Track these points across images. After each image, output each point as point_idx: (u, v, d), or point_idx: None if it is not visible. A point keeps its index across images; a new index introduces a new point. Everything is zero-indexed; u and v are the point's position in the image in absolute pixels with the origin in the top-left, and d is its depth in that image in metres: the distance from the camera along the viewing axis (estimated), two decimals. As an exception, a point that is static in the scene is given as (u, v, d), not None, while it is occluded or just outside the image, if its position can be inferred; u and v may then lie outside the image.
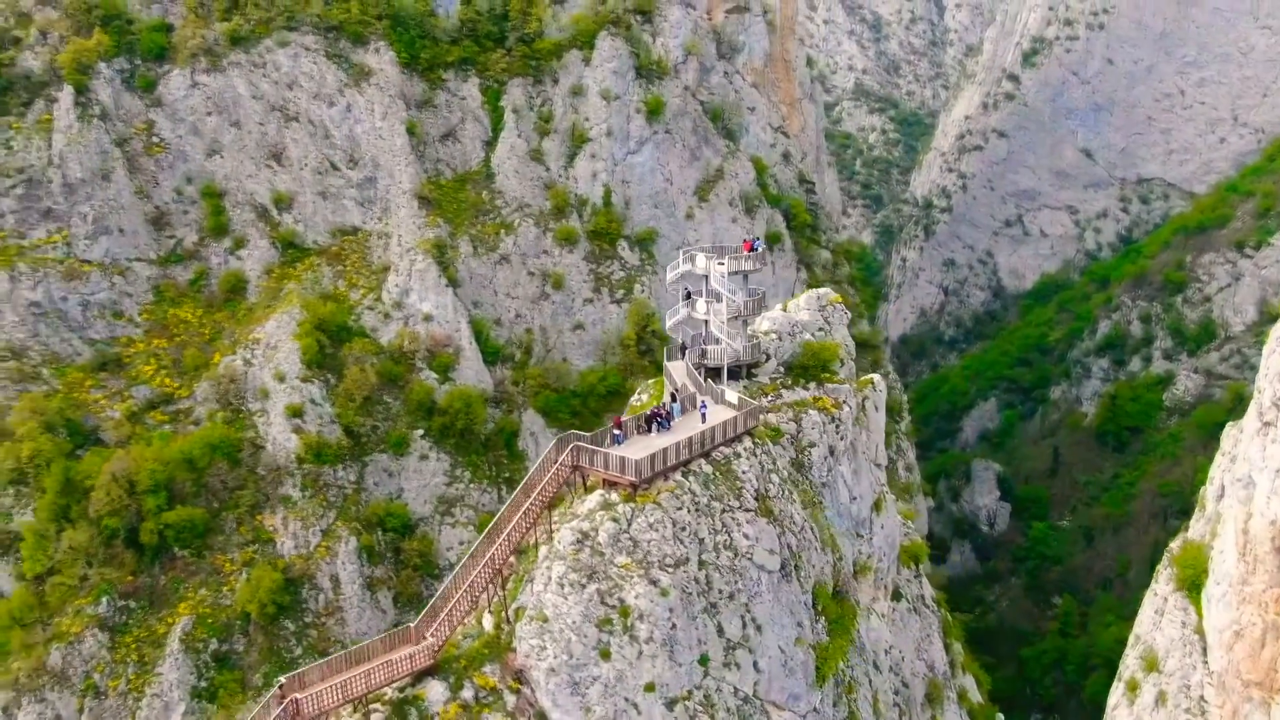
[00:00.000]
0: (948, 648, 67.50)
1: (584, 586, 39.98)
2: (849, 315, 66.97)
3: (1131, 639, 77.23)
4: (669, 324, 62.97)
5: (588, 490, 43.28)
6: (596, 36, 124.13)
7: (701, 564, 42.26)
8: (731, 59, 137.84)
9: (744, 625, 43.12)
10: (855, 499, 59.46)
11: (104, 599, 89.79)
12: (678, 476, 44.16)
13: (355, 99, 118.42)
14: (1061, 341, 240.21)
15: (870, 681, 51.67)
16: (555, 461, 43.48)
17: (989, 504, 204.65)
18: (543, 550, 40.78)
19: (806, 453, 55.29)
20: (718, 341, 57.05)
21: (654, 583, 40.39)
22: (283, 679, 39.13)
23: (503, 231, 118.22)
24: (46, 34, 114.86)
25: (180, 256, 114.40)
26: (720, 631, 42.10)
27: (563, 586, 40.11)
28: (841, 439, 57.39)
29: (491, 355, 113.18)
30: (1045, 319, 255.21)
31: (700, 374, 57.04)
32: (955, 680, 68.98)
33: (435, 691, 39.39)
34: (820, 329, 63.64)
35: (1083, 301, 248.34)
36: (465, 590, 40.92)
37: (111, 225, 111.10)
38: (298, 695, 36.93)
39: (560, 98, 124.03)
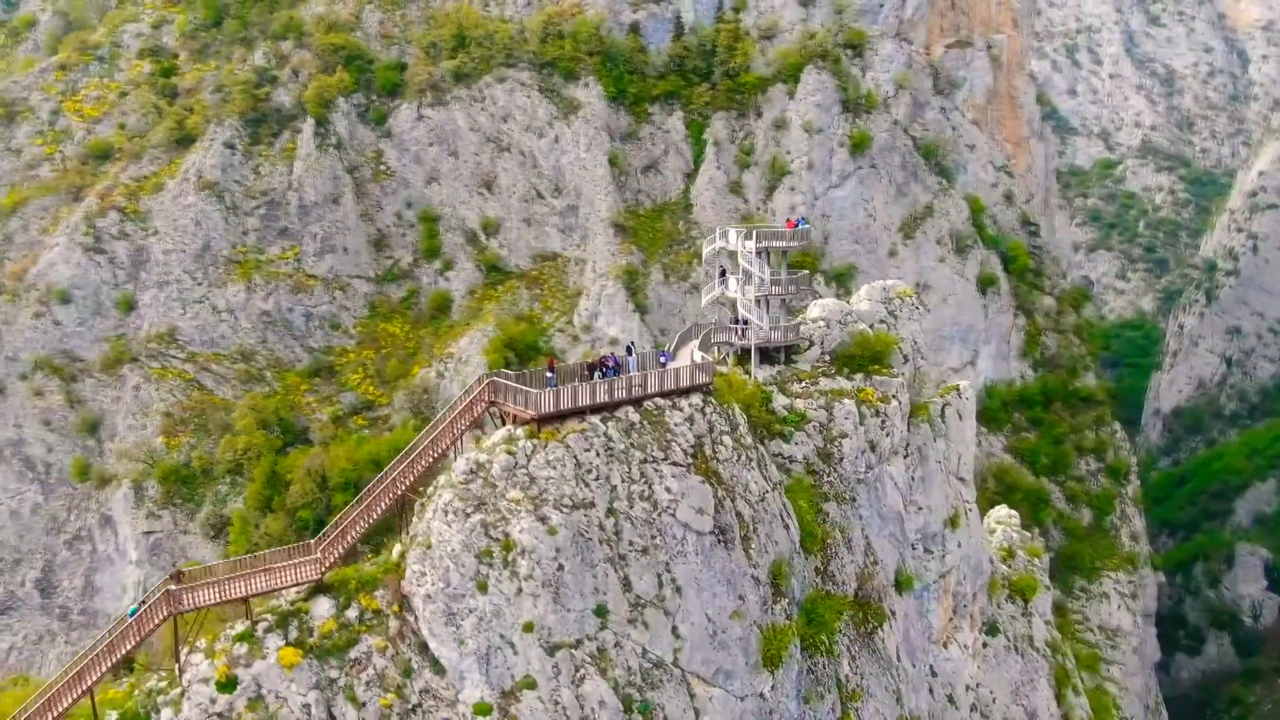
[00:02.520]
0: (1060, 698, 60.54)
1: (468, 516, 39.39)
2: (925, 312, 63.02)
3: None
4: (704, 302, 61.56)
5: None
6: (802, 70, 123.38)
7: (611, 512, 40.39)
8: (950, 94, 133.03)
9: (660, 585, 40.59)
10: (922, 509, 54.97)
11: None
12: (594, 419, 42.79)
13: (563, 131, 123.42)
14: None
15: (900, 701, 47.15)
16: (473, 395, 43.52)
17: (1253, 594, 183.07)
18: (440, 479, 40.72)
19: (837, 443, 51.80)
20: (747, 323, 55.17)
21: (542, 520, 39.16)
22: (178, 569, 41.89)
23: (695, 261, 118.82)
24: (298, 72, 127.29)
25: (395, 275, 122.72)
26: (627, 586, 39.88)
27: (447, 514, 39.72)
28: (887, 435, 53.35)
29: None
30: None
31: (724, 355, 55.59)
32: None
33: (322, 607, 39.92)
34: (881, 321, 59.74)
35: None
36: (361, 512, 41.70)
37: (337, 244, 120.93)
38: (173, 587, 38.17)
39: (762, 131, 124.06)
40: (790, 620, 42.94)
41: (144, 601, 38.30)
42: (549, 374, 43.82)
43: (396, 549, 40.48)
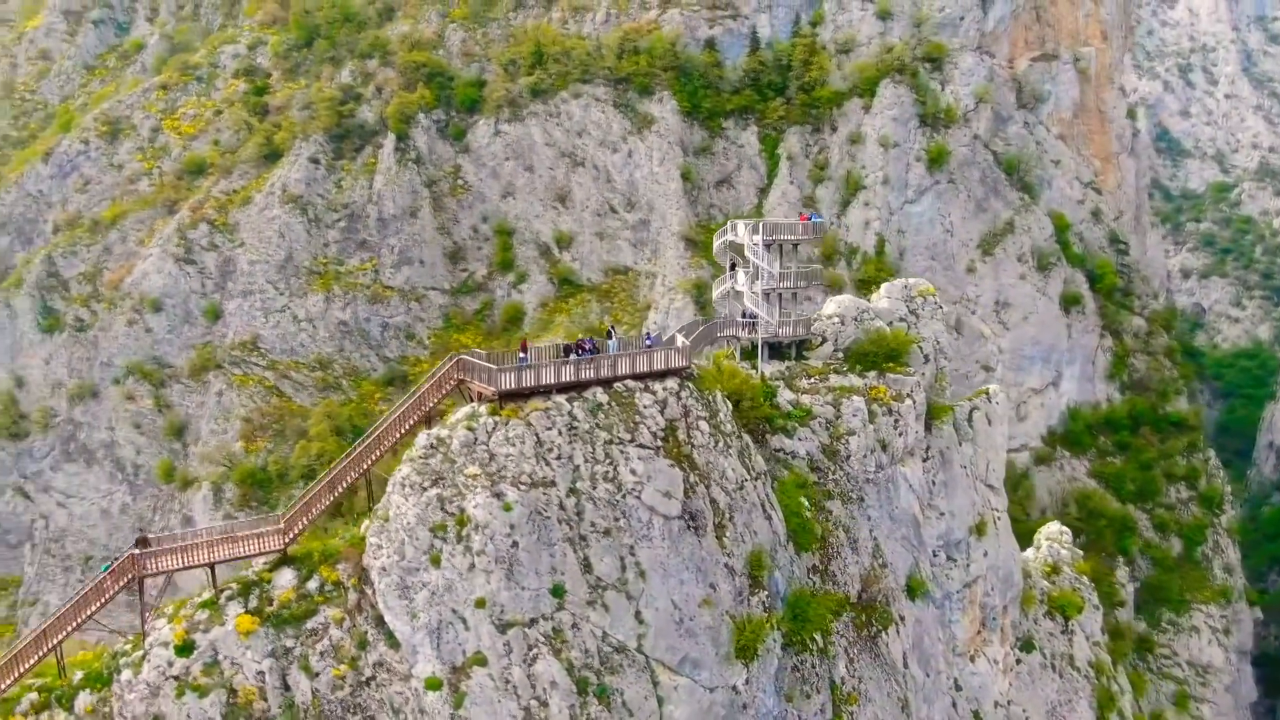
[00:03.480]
0: (1103, 721, 57.61)
1: (425, 490, 39.34)
2: (948, 311, 61.02)
3: None
4: (715, 295, 60.76)
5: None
6: (879, 84, 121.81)
7: (573, 492, 39.64)
8: (1034, 108, 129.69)
9: (623, 568, 39.60)
10: (944, 514, 52.99)
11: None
12: (559, 399, 42.22)
13: (637, 145, 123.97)
14: None
15: (908, 709, 45.24)
16: (440, 373, 43.88)
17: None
18: (404, 455, 40.73)
19: (844, 441, 50.26)
20: (754, 317, 54.24)
21: (498, 495, 38.71)
22: (144, 534, 42.88)
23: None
24: (381, 89, 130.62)
25: (470, 288, 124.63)
26: (587, 567, 38.98)
27: (405, 488, 39.76)
28: (900, 435, 51.55)
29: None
30: None
31: (733, 349, 54.81)
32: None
33: (284, 578, 40.56)
34: (901, 319, 57.93)
35: None
36: (327, 485, 42.41)
37: (414, 256, 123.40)
38: (135, 552, 39.29)
39: (837, 145, 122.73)
40: (769, 614, 41.83)
41: (110, 564, 39.43)
42: (521, 355, 44.02)
43: (365, 524, 40.85)
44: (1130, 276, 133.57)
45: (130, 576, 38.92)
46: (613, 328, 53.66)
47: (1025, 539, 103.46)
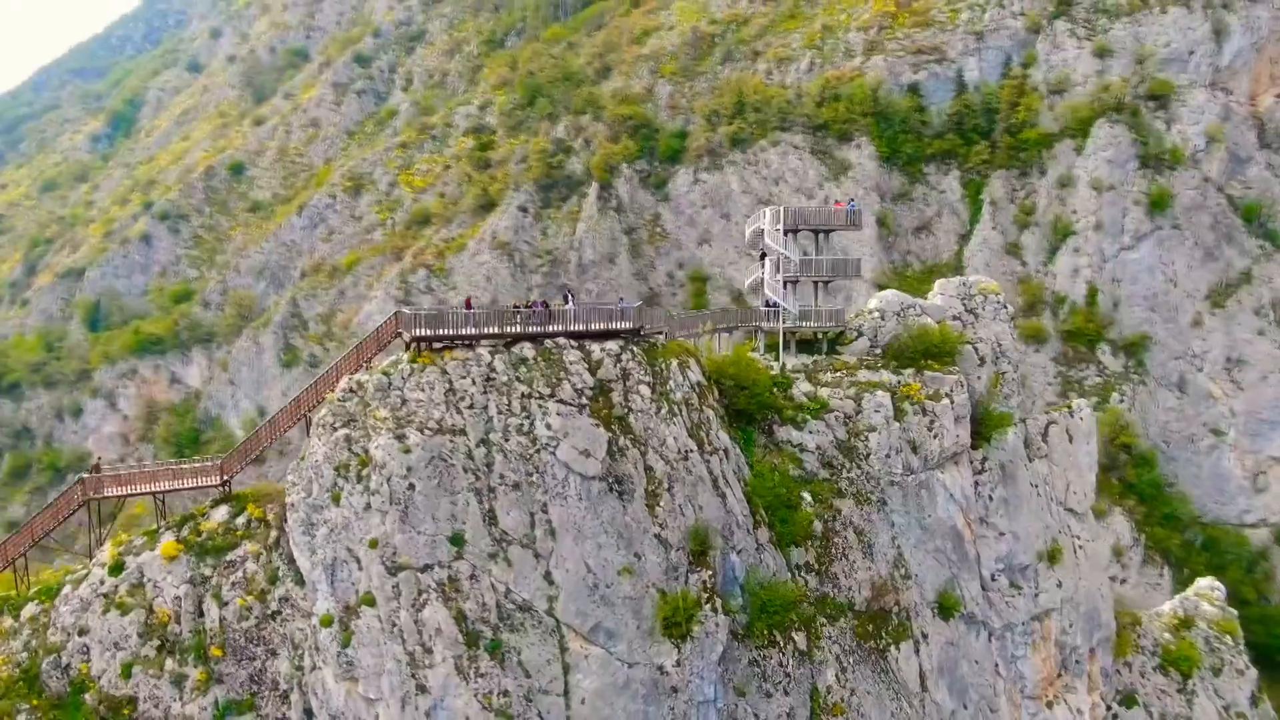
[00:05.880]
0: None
1: (335, 430, 39.14)
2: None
3: None
4: (746, 285, 57.49)
5: None
6: (1093, 124, 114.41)
7: (485, 442, 38.16)
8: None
9: (532, 524, 37.43)
10: (1004, 534, 47.29)
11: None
12: (481, 351, 41.25)
13: (833, 192, 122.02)
14: None
15: None
16: (380, 325, 44.74)
17: None
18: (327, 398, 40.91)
19: (863, 437, 45.85)
20: (774, 306, 51.07)
21: (400, 438, 38.00)
22: (98, 461, 45.78)
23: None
24: (589, 142, 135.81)
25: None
26: (492, 519, 37.19)
27: (320, 428, 39.88)
28: (935, 437, 46.42)
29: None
30: None
31: (756, 340, 51.79)
32: None
33: (218, 514, 41.89)
34: (956, 317, 52.44)
35: None
36: (267, 429, 43.77)
37: (611, 301, 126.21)
38: (85, 476, 42.48)
39: (1045, 189, 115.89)
40: (712, 595, 39.00)
41: (64, 489, 42.75)
42: (467, 310, 44.29)
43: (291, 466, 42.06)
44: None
45: (82, 499, 42.34)
46: (569, 293, 53.50)
47: (1259, 624, 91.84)
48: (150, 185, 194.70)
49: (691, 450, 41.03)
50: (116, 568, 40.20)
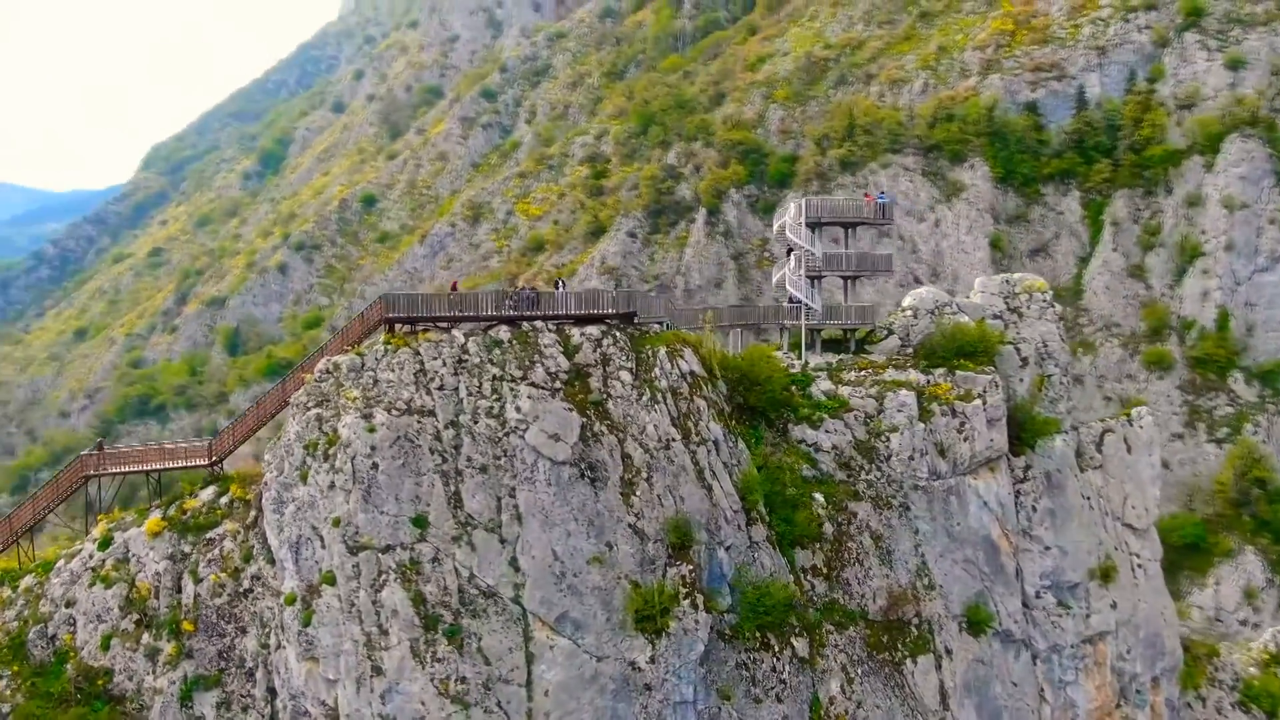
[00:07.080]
0: None
1: (309, 409, 38.57)
2: (1055, 309, 50.89)
3: None
4: (774, 280, 55.00)
5: None
6: (1223, 140, 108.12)
7: (454, 424, 36.81)
8: None
9: (499, 509, 35.77)
10: (1050, 549, 43.58)
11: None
12: (456, 333, 40.28)
13: (944, 214, 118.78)
14: None
15: None
16: (365, 309, 44.71)
17: None
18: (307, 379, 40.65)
19: (884, 438, 42.91)
20: (796, 302, 48.63)
21: (366, 417, 37.11)
22: (100, 441, 47.06)
23: (1080, 350, 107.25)
24: (699, 167, 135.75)
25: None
26: (457, 502, 35.69)
27: (295, 408, 39.44)
28: (965, 440, 43.08)
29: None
30: None
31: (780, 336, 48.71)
32: None
33: (205, 494, 42.02)
34: (996, 316, 48.84)
35: None
36: (255, 412, 43.95)
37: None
38: (84, 454, 43.88)
39: (1171, 208, 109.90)
40: (693, 591, 37.04)
41: (65, 466, 43.96)
42: (452, 294, 44.12)
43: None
44: None
45: (80, 478, 43.78)
46: (561, 281, 52.29)
47: None
48: (290, 218, 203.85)
49: (674, 439, 39.73)
50: (105, 543, 41.54)
